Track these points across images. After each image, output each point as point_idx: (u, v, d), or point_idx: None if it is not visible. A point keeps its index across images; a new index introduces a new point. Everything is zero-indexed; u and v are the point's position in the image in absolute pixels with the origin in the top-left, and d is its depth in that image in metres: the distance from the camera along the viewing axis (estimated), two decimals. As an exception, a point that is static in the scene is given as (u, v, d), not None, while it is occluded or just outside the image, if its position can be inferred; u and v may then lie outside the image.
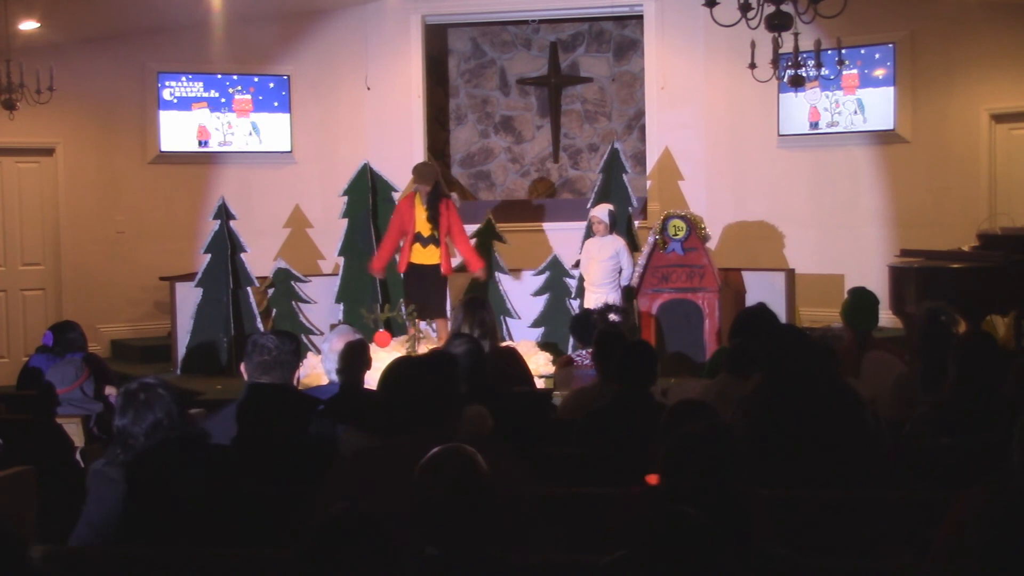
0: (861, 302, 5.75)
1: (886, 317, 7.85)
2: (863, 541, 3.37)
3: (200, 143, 10.73)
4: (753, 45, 7.39)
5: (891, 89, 9.78)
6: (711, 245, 8.91)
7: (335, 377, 4.64)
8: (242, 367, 4.23)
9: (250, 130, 10.87)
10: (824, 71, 7.88)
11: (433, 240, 8.65)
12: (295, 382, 4.35)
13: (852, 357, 5.46)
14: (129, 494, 3.34)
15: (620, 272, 8.45)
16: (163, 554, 3.14)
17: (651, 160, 10.70)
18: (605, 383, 4.86)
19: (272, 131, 10.91)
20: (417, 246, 8.64)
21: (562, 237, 10.09)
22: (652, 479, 2.99)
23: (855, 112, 10.01)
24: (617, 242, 8.51)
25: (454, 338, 4.96)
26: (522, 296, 9.23)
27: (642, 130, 11.20)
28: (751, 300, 8.48)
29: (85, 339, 6.76)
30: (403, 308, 8.80)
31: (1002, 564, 2.31)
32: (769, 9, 5.69)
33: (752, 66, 7.61)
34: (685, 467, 2.76)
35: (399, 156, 10.75)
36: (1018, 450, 2.94)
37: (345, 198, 9.35)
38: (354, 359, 4.62)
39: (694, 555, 2.26)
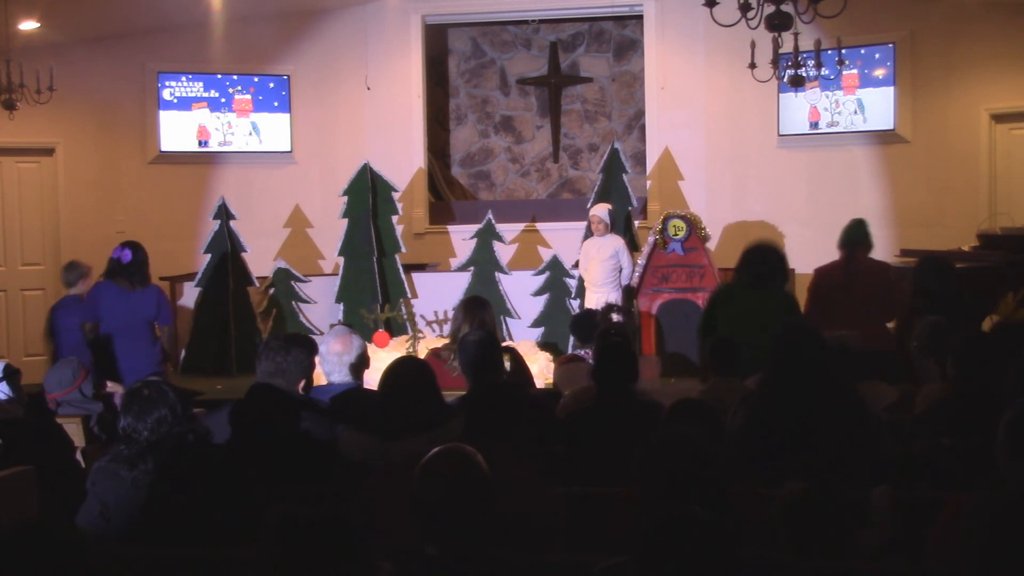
0: (854, 230, 7.22)
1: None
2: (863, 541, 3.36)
3: (200, 143, 10.73)
4: (753, 45, 7.38)
5: (891, 89, 9.78)
6: (711, 245, 8.91)
7: (334, 378, 4.65)
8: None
9: (250, 130, 10.86)
10: (824, 71, 7.88)
11: None
12: (300, 388, 4.37)
13: (840, 272, 7.05)
14: (134, 489, 3.36)
15: (620, 271, 8.46)
16: (163, 554, 3.15)
17: (651, 160, 10.69)
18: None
19: (272, 131, 10.90)
20: None
21: (562, 237, 10.09)
22: None
23: (855, 112, 10.01)
24: (616, 241, 8.51)
25: (471, 331, 4.99)
26: (522, 296, 9.23)
27: (642, 130, 11.20)
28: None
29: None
30: (403, 308, 8.81)
31: (999, 565, 2.32)
32: (769, 9, 5.68)
33: (752, 66, 7.61)
34: (659, 474, 2.77)
35: (399, 156, 10.77)
36: (1002, 451, 2.96)
37: (345, 198, 9.35)
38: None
39: (695, 554, 2.26)
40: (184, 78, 10.59)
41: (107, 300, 6.90)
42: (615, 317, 7.01)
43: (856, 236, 7.18)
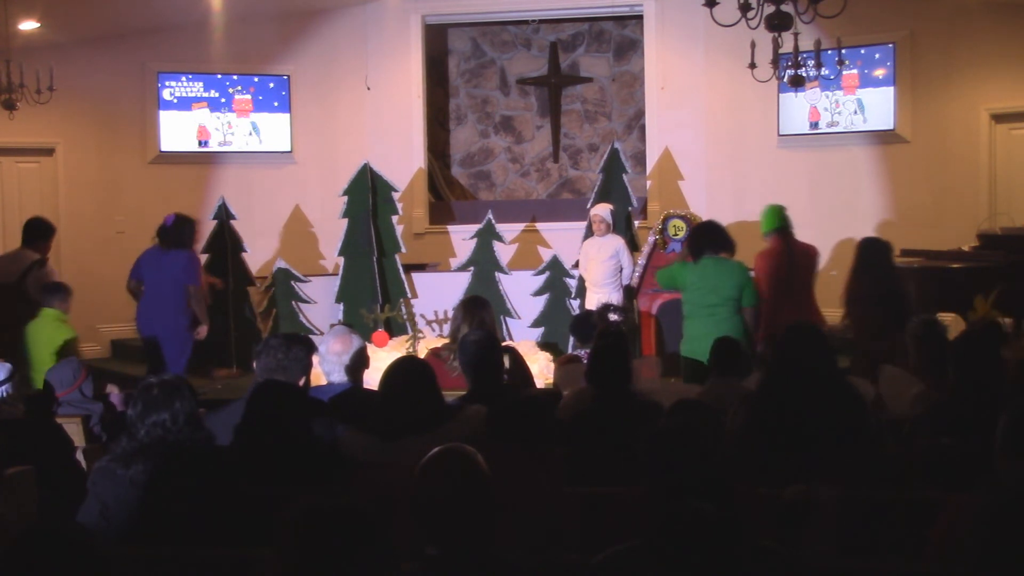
0: (780, 215, 7.40)
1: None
2: (864, 541, 3.37)
3: (200, 143, 10.74)
4: (753, 45, 7.38)
5: (891, 89, 9.79)
6: (711, 245, 8.89)
7: (333, 378, 4.65)
8: (254, 364, 4.32)
9: (250, 130, 10.87)
10: (824, 71, 7.88)
11: None
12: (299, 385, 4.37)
13: (785, 258, 7.18)
14: (132, 488, 3.36)
15: (621, 271, 8.45)
16: (163, 554, 3.14)
17: (651, 160, 10.70)
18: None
19: (272, 131, 10.91)
20: None
21: (562, 237, 10.09)
22: None
23: (855, 112, 10.01)
24: (616, 241, 8.51)
25: (471, 331, 4.99)
26: (522, 296, 9.23)
27: (642, 130, 11.20)
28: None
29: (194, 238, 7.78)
30: (403, 308, 8.81)
31: (999, 565, 2.32)
32: (769, 9, 5.68)
33: (752, 66, 7.60)
34: (663, 463, 2.77)
35: (399, 156, 10.78)
36: (1001, 451, 2.96)
37: (345, 198, 9.35)
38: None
39: (704, 550, 2.25)
40: (184, 78, 10.59)
41: (146, 260, 7.69)
42: (612, 317, 7.01)
43: (784, 221, 7.40)
